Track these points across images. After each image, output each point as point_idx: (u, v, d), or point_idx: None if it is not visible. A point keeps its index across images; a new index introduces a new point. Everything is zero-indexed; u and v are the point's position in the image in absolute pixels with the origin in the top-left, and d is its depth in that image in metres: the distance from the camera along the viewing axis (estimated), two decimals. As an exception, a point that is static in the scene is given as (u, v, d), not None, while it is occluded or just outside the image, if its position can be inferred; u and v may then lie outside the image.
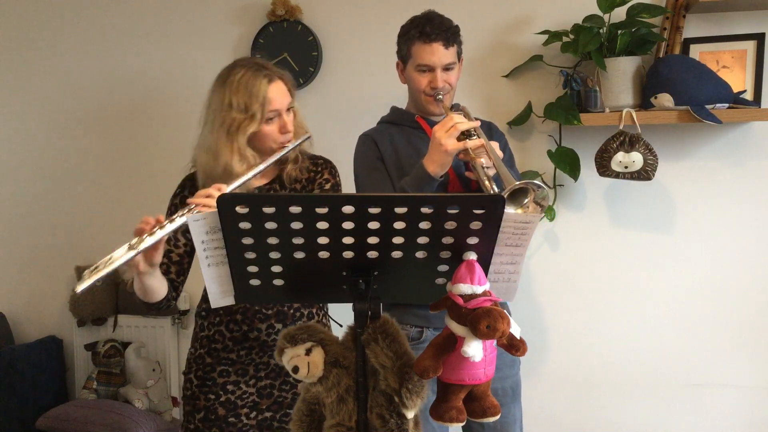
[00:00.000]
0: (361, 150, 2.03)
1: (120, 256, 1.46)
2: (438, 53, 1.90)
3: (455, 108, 2.03)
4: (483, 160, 1.72)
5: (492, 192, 1.68)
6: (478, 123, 1.79)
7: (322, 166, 1.88)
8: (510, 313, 2.05)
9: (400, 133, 2.01)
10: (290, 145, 1.76)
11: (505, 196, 1.56)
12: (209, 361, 1.84)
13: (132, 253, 1.46)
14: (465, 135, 1.74)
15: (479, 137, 1.75)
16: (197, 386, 1.84)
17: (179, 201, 1.86)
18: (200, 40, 2.82)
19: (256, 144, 1.75)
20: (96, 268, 1.43)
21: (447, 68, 1.93)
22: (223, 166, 1.70)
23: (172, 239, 1.82)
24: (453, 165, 1.82)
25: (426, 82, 1.94)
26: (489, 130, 2.07)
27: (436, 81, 1.92)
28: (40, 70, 3.00)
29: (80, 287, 1.40)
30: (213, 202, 1.56)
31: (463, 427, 2.05)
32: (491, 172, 1.71)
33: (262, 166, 1.70)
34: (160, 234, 1.50)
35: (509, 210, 1.63)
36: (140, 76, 2.90)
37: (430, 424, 1.47)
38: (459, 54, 1.98)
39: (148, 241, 1.49)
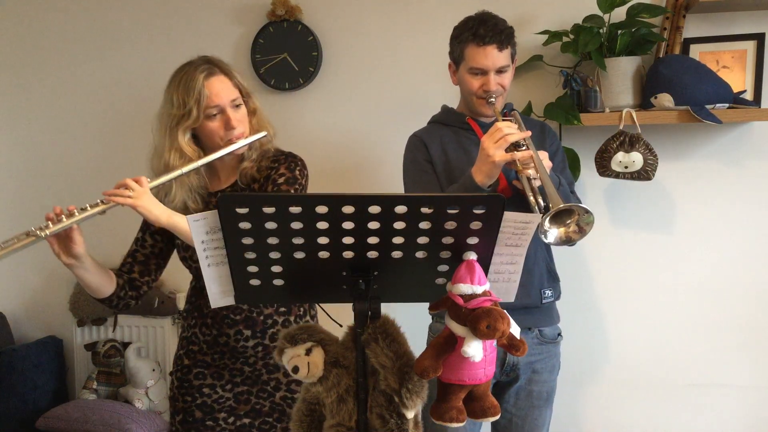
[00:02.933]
0: (411, 151, 2.01)
1: (18, 241, 1.48)
2: (491, 56, 1.88)
3: (507, 109, 2.01)
4: (531, 172, 1.70)
5: (538, 207, 1.66)
6: (530, 133, 1.76)
7: (282, 161, 1.77)
8: (559, 314, 2.07)
9: (450, 135, 1.99)
10: (239, 143, 1.69)
11: (547, 219, 1.58)
12: (186, 363, 1.83)
13: (30, 239, 1.49)
14: (514, 145, 1.72)
15: (528, 148, 1.72)
16: (176, 387, 1.84)
17: None
18: (200, 40, 2.82)
19: (203, 141, 1.71)
20: None
21: (500, 71, 1.91)
22: (164, 164, 1.68)
23: (139, 240, 1.80)
24: (504, 171, 1.81)
25: (478, 85, 1.91)
26: (542, 131, 2.05)
27: (489, 84, 1.89)
28: (41, 71, 2.99)
29: None
30: (127, 195, 1.56)
31: (491, 426, 2.06)
32: (537, 183, 1.69)
33: (195, 165, 1.66)
34: (67, 223, 1.52)
35: (551, 228, 1.63)
36: (140, 76, 2.89)
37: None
38: (513, 56, 1.96)
39: (51, 228, 1.51)
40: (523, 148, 1.72)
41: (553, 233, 1.64)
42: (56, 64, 2.97)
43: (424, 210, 1.20)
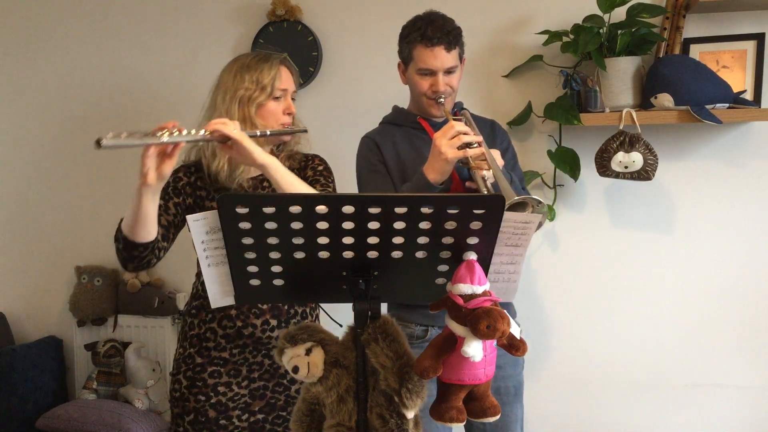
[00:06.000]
0: (363, 153, 2.02)
1: (141, 135, 1.44)
2: (440, 57, 1.88)
3: (458, 108, 2.03)
4: (484, 171, 1.70)
5: None
6: (481, 138, 1.76)
7: (312, 156, 1.95)
8: (516, 310, 2.07)
9: (402, 135, 2.01)
10: (301, 127, 1.86)
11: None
12: (200, 361, 1.82)
13: (153, 139, 1.44)
14: (466, 144, 1.73)
15: (480, 146, 1.73)
16: (186, 387, 1.82)
17: (171, 181, 1.84)
18: (200, 40, 2.82)
19: (259, 119, 1.81)
20: (119, 134, 1.38)
21: (449, 72, 1.92)
22: None
23: (162, 206, 1.78)
24: (457, 169, 1.81)
25: (427, 86, 1.93)
26: (492, 129, 2.06)
27: (437, 85, 1.91)
28: (40, 70, 2.99)
29: (105, 141, 1.37)
30: (228, 128, 1.59)
31: (464, 425, 2.05)
32: (491, 181, 1.69)
33: (270, 131, 1.79)
34: (180, 138, 1.49)
35: None
36: (140, 76, 2.89)
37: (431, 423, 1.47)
38: (461, 56, 1.96)
39: (168, 138, 1.46)
40: (475, 146, 1.73)
41: None
42: (55, 62, 2.97)
43: (424, 210, 1.20)
